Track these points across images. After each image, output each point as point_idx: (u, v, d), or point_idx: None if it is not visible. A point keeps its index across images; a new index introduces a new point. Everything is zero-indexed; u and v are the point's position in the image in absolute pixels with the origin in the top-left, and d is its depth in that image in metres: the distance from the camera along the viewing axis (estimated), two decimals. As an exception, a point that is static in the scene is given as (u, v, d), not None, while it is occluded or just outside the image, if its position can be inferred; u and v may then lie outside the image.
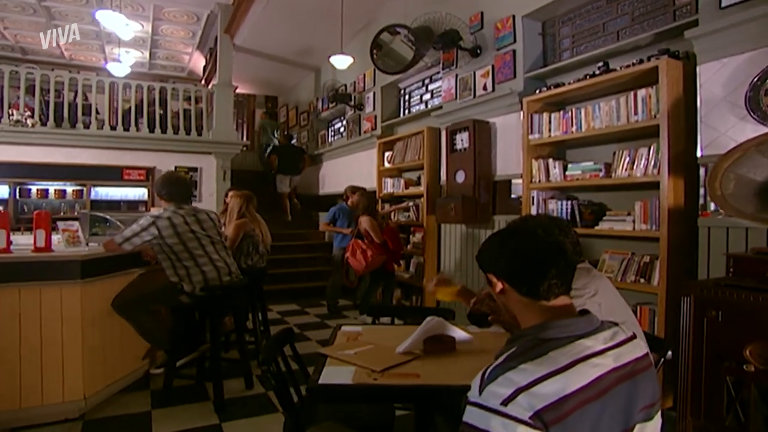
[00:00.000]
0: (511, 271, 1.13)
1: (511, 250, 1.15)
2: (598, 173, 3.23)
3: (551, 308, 1.10)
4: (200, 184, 7.23)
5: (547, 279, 1.08)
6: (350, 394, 1.56)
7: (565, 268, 1.11)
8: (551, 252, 1.12)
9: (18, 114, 5.87)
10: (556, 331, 1.03)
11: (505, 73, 4.28)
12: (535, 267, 1.10)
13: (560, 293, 1.11)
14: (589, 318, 1.09)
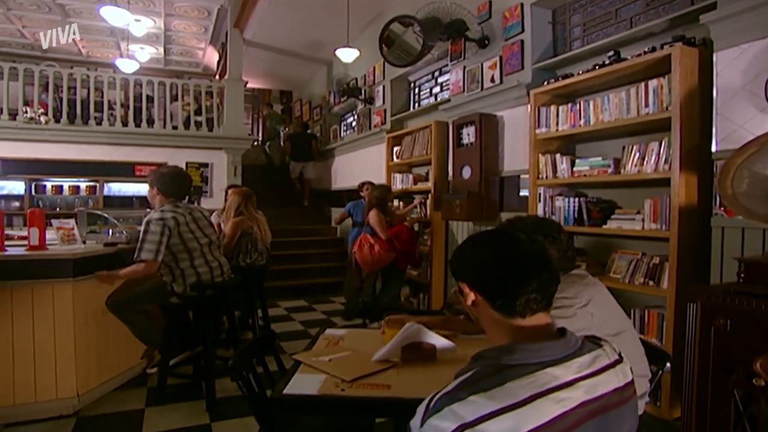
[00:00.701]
0: (484, 281, 0.99)
1: (486, 257, 1.00)
2: (606, 169, 3.06)
3: (524, 327, 0.97)
4: (211, 179, 7.24)
5: (526, 293, 0.95)
6: (313, 406, 1.47)
7: (549, 282, 0.97)
8: (533, 262, 0.97)
9: (32, 111, 5.95)
10: (522, 356, 0.90)
11: (512, 64, 4.12)
12: (513, 279, 0.96)
13: (538, 310, 0.97)
14: (565, 341, 0.96)
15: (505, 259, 0.98)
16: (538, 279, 0.95)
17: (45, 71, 6.44)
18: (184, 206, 3.01)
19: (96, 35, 8.07)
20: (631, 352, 1.62)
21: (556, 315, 1.52)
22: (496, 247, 1.01)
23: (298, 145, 8.49)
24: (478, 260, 1.01)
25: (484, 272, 0.99)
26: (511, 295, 0.95)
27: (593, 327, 1.53)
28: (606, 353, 0.99)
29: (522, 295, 0.95)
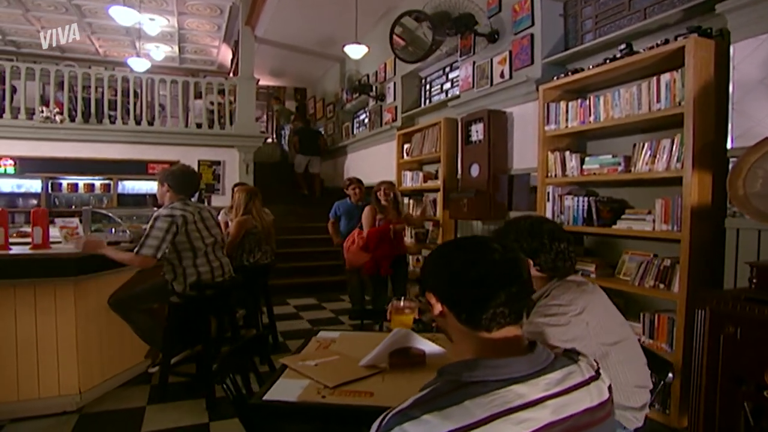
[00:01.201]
0: (450, 293, 0.94)
1: (453, 268, 0.94)
2: (616, 167, 2.94)
3: (490, 341, 0.91)
4: (223, 177, 7.28)
5: (492, 306, 0.89)
6: (291, 413, 1.42)
7: (518, 295, 0.91)
8: (501, 273, 0.91)
9: (48, 111, 6.06)
10: (484, 372, 0.85)
11: (522, 59, 4.01)
12: (478, 291, 0.90)
13: (506, 324, 0.91)
14: (533, 356, 0.89)
15: (471, 270, 0.92)
16: (506, 292, 0.89)
17: (61, 71, 6.54)
18: (193, 204, 3.01)
19: (112, 35, 8.20)
20: (632, 362, 1.54)
21: (548, 323, 1.46)
22: (464, 257, 0.95)
23: (305, 139, 8.68)
24: (445, 270, 0.95)
25: (449, 283, 0.94)
26: (477, 308, 0.90)
27: (589, 336, 1.46)
28: (580, 369, 0.92)
29: (488, 308, 0.89)
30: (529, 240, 1.55)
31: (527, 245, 1.55)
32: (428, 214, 5.13)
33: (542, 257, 1.55)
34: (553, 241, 1.55)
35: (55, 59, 8.75)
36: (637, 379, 1.53)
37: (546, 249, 1.54)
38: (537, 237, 1.55)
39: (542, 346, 0.93)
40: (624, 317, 2.68)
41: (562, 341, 1.42)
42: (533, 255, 1.55)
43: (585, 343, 1.45)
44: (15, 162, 6.43)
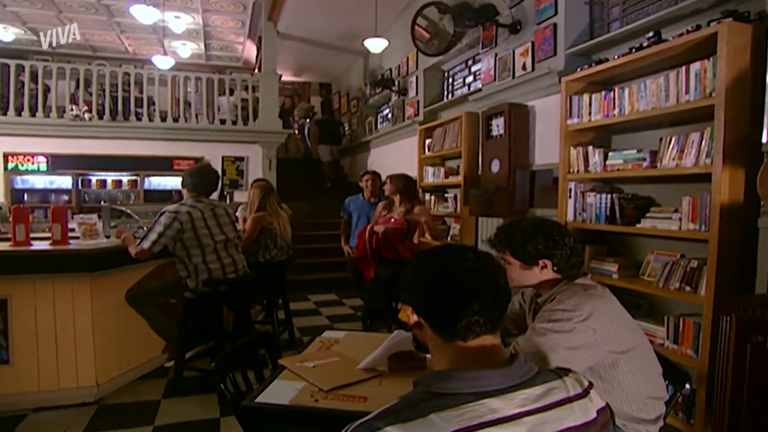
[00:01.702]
0: (424, 302, 0.91)
1: (426, 277, 0.91)
2: (641, 163, 2.79)
3: (466, 352, 0.86)
4: (247, 173, 7.35)
5: (466, 316, 0.85)
6: (282, 416, 1.39)
7: (493, 303, 0.87)
8: (475, 282, 0.87)
9: (77, 109, 6.23)
10: (456, 384, 0.80)
11: (545, 50, 3.86)
12: (451, 301, 0.86)
13: (482, 333, 0.87)
14: (512, 369, 0.84)
15: (444, 279, 0.88)
16: (480, 301, 0.85)
17: (90, 70, 6.72)
18: (207, 201, 3.02)
19: (140, 33, 8.38)
20: (645, 371, 1.44)
21: (552, 329, 1.37)
22: (436, 266, 0.91)
23: (325, 129, 8.95)
24: (419, 280, 0.92)
25: (423, 293, 0.90)
26: (451, 318, 0.85)
27: (597, 343, 1.37)
28: (565, 386, 0.85)
29: (462, 318, 0.85)
30: (542, 240, 1.47)
31: (542, 246, 1.48)
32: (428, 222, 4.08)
33: (558, 254, 1.48)
34: (564, 236, 1.49)
35: (88, 58, 9.01)
36: (651, 390, 1.43)
37: (561, 245, 1.48)
38: (548, 235, 1.48)
39: (524, 359, 0.88)
40: (638, 322, 2.57)
41: (567, 348, 1.34)
42: (549, 254, 1.48)
43: (592, 351, 1.37)
44: (47, 159, 6.66)
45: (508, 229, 1.55)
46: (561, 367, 0.94)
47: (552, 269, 1.50)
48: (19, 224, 2.79)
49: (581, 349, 1.35)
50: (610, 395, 1.40)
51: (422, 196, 5.75)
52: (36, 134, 6.26)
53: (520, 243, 1.50)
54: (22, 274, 2.73)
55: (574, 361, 1.37)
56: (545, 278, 1.52)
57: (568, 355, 1.35)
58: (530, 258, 1.50)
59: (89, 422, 2.70)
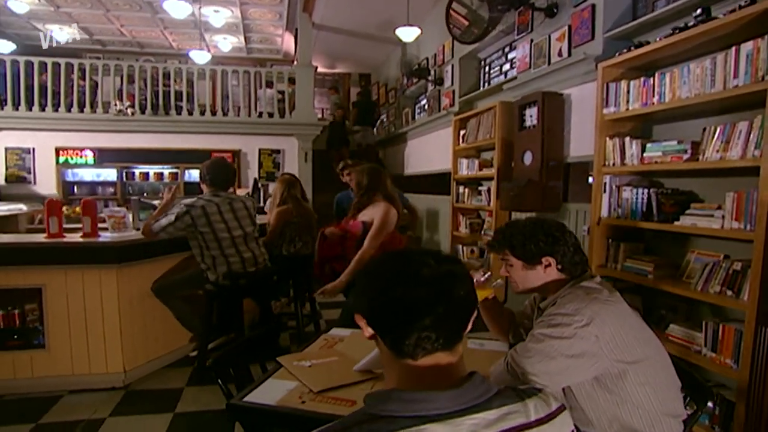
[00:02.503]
0: (371, 314, 0.83)
1: (376, 285, 0.83)
2: (681, 155, 2.56)
3: (415, 370, 0.78)
4: (282, 165, 7.43)
5: (416, 331, 0.77)
6: (268, 417, 1.35)
7: (447, 317, 0.78)
8: (427, 293, 0.78)
9: (120, 104, 6.49)
10: (395, 406, 0.73)
11: (582, 34, 3.63)
12: (399, 314, 0.78)
13: (435, 350, 0.78)
14: (463, 391, 0.75)
15: (391, 290, 0.80)
16: (432, 314, 0.76)
17: (133, 66, 6.98)
18: (224, 195, 3.05)
19: (182, 28, 8.62)
20: (657, 385, 1.30)
21: (551, 334, 1.27)
22: (386, 275, 0.83)
23: (362, 110, 9.43)
24: (367, 290, 0.84)
25: (370, 305, 0.82)
26: (399, 332, 0.77)
27: (600, 351, 1.25)
28: (525, 410, 0.76)
29: (411, 332, 0.76)
30: (543, 237, 1.42)
31: (542, 242, 1.42)
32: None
33: (561, 251, 1.42)
34: (563, 233, 1.44)
35: (136, 55, 9.37)
36: (665, 406, 1.30)
37: (562, 242, 1.42)
38: (548, 232, 1.43)
39: (482, 378, 0.79)
40: (675, 327, 2.38)
41: (566, 356, 1.24)
42: (552, 252, 1.42)
43: (596, 360, 1.25)
44: (94, 153, 7.00)
45: (507, 229, 1.49)
46: (529, 387, 0.84)
47: (556, 268, 1.43)
48: (53, 217, 2.91)
49: (583, 358, 1.24)
50: (620, 408, 1.29)
51: (456, 189, 5.62)
52: (83, 129, 6.59)
53: (520, 242, 1.44)
54: (55, 264, 2.86)
55: (575, 371, 1.27)
56: (550, 279, 1.44)
57: (569, 364, 1.24)
58: (532, 256, 1.43)
59: (116, 406, 2.81)
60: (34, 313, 2.88)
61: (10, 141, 6.86)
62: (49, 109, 6.73)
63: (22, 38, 9.18)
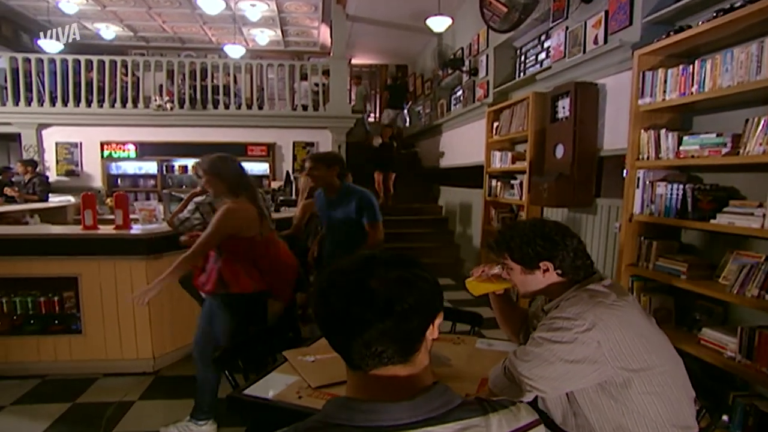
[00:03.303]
0: (320, 324, 0.78)
1: (317, 296, 0.77)
2: (719, 149, 2.39)
3: (370, 379, 0.75)
4: (316, 158, 7.48)
5: (358, 345, 0.73)
6: (261, 411, 1.37)
7: (393, 330, 0.72)
8: (370, 307, 0.72)
9: (160, 99, 6.73)
10: (347, 415, 0.71)
11: (619, 20, 3.45)
12: (339, 328, 0.75)
13: (386, 363, 0.74)
14: (419, 402, 0.72)
15: (330, 303, 0.75)
16: (374, 328, 0.71)
17: (171, 62, 7.21)
18: None
19: (221, 23, 8.81)
20: (666, 395, 1.23)
21: (552, 338, 1.22)
22: (327, 285, 0.77)
23: (393, 93, 9.60)
24: (313, 298, 0.78)
25: (316, 314, 0.78)
26: (341, 346, 0.74)
27: (603, 358, 1.18)
28: (487, 425, 0.72)
29: (352, 347, 0.73)
30: (540, 241, 1.36)
31: (540, 247, 1.36)
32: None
33: (560, 256, 1.36)
34: (564, 237, 1.36)
35: (177, 50, 9.67)
36: (674, 417, 1.22)
37: (561, 246, 1.35)
38: (546, 236, 1.36)
39: (443, 389, 0.75)
40: (708, 331, 2.23)
41: (566, 361, 1.18)
42: (550, 257, 1.36)
43: (598, 366, 1.19)
44: (136, 146, 7.30)
45: (507, 232, 1.44)
46: (501, 400, 0.80)
47: (555, 272, 1.37)
48: (87, 210, 3.05)
49: (584, 364, 1.18)
50: (625, 417, 1.22)
51: (488, 182, 5.50)
52: (126, 124, 6.88)
53: (518, 245, 1.38)
54: (89, 255, 3.00)
55: (574, 376, 1.21)
56: (551, 282, 1.38)
57: (568, 369, 1.19)
58: (530, 260, 1.38)
59: (145, 390, 2.94)
60: (71, 300, 3.05)
61: (60, 136, 7.27)
62: (94, 105, 7.07)
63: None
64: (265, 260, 2.46)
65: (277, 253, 2.59)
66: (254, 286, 2.41)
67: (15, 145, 7.66)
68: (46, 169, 7.14)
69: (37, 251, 3.01)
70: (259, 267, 2.44)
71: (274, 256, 2.54)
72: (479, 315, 2.13)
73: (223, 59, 7.54)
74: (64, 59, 6.96)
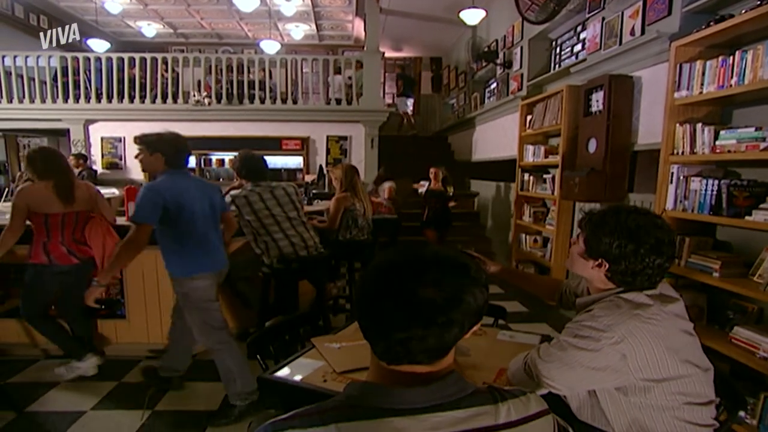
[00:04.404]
0: (359, 312, 0.81)
1: (368, 288, 0.79)
2: (758, 143, 2.32)
3: (390, 371, 0.79)
4: (349, 152, 7.58)
5: (389, 343, 0.76)
6: (289, 393, 1.45)
7: (431, 338, 0.75)
8: (416, 313, 0.74)
9: (198, 95, 6.96)
10: (369, 398, 0.76)
11: (657, 9, 3.36)
12: (379, 323, 0.77)
13: (412, 362, 0.78)
14: (433, 389, 0.76)
15: (374, 300, 0.78)
16: (411, 333, 0.74)
17: (209, 58, 7.42)
18: (265, 185, 3.19)
19: (257, 19, 9.01)
20: (687, 399, 1.24)
21: (577, 345, 1.23)
22: (380, 284, 0.78)
23: (406, 82, 9.78)
24: (359, 290, 0.81)
25: (357, 305, 0.82)
26: (374, 339, 0.78)
27: (625, 369, 1.19)
28: (496, 413, 0.77)
29: (387, 343, 0.76)
30: (624, 242, 1.27)
31: (617, 247, 1.27)
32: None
33: (623, 266, 1.27)
34: (650, 254, 1.25)
35: (215, 45, 9.93)
36: (692, 416, 1.23)
37: (636, 260, 1.26)
38: (637, 242, 1.26)
39: (457, 377, 0.79)
40: (741, 330, 2.18)
41: (588, 368, 1.20)
42: (616, 260, 1.28)
43: (618, 375, 1.20)
44: (176, 141, 7.53)
45: (605, 216, 1.33)
46: (512, 389, 0.84)
47: (605, 272, 1.32)
48: (131, 202, 3.22)
49: (605, 372, 1.20)
50: (642, 413, 1.24)
51: (521, 177, 5.44)
52: (166, 119, 7.13)
53: (600, 233, 1.30)
54: (133, 245, 3.16)
55: (593, 381, 1.23)
56: (595, 276, 1.35)
57: (589, 375, 1.21)
58: (594, 250, 1.32)
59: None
60: (116, 287, 3.24)
61: (105, 131, 7.62)
62: (136, 101, 7.37)
63: (118, 35, 10.08)
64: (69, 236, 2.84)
65: (92, 233, 2.94)
66: (45, 259, 2.75)
67: (64, 140, 8.07)
68: (93, 162, 7.52)
69: (86, 240, 3.20)
70: (66, 243, 2.81)
71: (82, 234, 2.91)
72: (503, 308, 2.15)
73: (258, 54, 7.71)
74: (109, 57, 7.29)
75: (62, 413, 2.59)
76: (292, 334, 2.00)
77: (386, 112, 7.77)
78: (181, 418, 2.57)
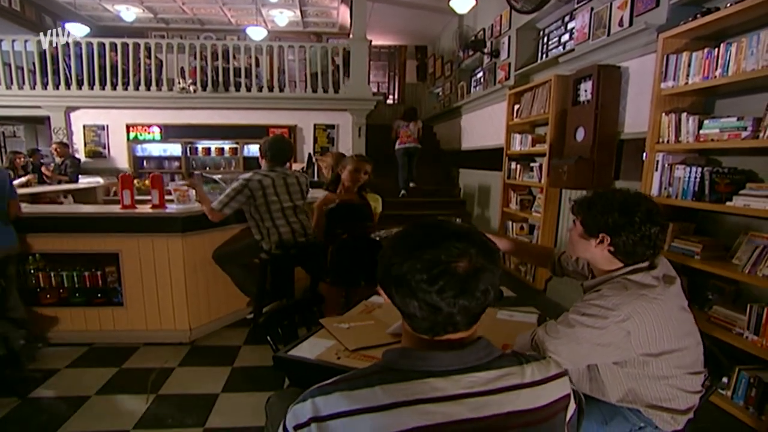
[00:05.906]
0: (390, 293, 0.87)
1: (399, 269, 0.83)
2: (739, 132, 2.45)
3: (426, 339, 0.87)
4: (337, 141, 7.58)
5: (437, 317, 0.82)
6: (305, 369, 1.52)
7: (465, 309, 0.81)
8: (454, 292, 0.80)
9: (183, 82, 6.86)
10: (406, 362, 0.84)
11: (646, 1, 3.46)
12: (423, 306, 0.82)
13: (453, 332, 0.85)
14: (466, 353, 0.84)
15: (418, 274, 0.81)
16: (452, 307, 0.81)
17: (194, 44, 7.29)
18: (280, 171, 3.22)
19: (239, 4, 8.88)
20: (680, 370, 1.35)
21: (584, 322, 1.31)
22: (415, 260, 0.82)
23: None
24: (389, 267, 0.86)
25: (393, 282, 0.85)
26: (416, 318, 0.84)
27: (627, 345, 1.29)
28: (522, 373, 0.85)
29: (429, 320, 0.83)
30: (617, 214, 1.36)
31: (612, 220, 1.36)
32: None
33: (624, 237, 1.35)
34: (645, 222, 1.34)
35: (197, 31, 9.76)
36: (683, 383, 1.35)
37: (633, 229, 1.34)
38: (629, 213, 1.35)
39: (486, 342, 0.87)
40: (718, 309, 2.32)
41: (594, 344, 1.29)
42: (615, 232, 1.36)
43: (620, 351, 1.30)
44: (160, 129, 7.46)
45: (595, 197, 1.43)
46: (533, 354, 0.92)
47: (608, 248, 1.38)
48: (126, 190, 3.23)
49: (609, 347, 1.29)
50: (637, 382, 1.35)
51: (508, 165, 5.55)
52: (150, 106, 7.03)
53: (594, 212, 1.40)
54: (129, 232, 3.18)
55: (597, 356, 1.33)
56: (599, 255, 1.42)
57: (594, 350, 1.30)
58: (593, 228, 1.40)
59: (183, 358, 3.14)
60: (113, 275, 3.24)
61: (87, 119, 7.46)
62: (119, 88, 7.22)
63: (95, 20, 9.81)
64: None
65: None
66: None
67: (42, 128, 7.90)
68: (75, 151, 7.37)
69: (81, 228, 3.20)
70: None
71: None
72: (500, 290, 2.25)
73: (243, 41, 7.62)
74: (90, 42, 7.10)
75: (66, 398, 2.62)
76: (300, 316, 2.05)
77: (373, 101, 7.78)
78: (185, 401, 2.61)
